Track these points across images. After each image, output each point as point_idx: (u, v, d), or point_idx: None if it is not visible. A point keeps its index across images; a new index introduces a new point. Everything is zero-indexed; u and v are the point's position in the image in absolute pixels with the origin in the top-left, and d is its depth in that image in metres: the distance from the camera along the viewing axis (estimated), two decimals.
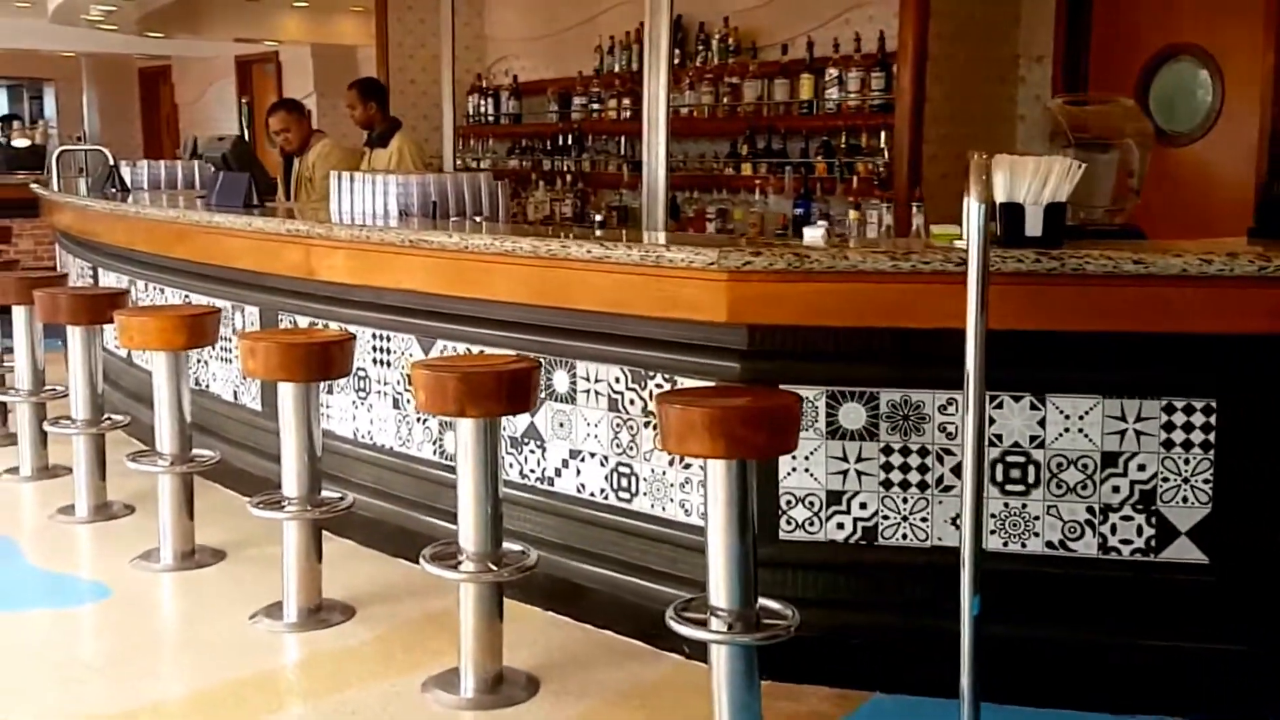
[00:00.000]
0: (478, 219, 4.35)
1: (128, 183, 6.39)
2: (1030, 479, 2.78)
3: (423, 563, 2.95)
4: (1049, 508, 2.78)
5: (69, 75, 14.96)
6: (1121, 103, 3.08)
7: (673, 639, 2.80)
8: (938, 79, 4.73)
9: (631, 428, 3.18)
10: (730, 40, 6.01)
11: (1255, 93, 4.63)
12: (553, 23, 7.69)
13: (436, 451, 3.81)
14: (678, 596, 3.03)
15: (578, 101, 7.14)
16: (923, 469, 2.82)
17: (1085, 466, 2.75)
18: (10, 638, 3.30)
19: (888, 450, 2.83)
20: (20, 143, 11.75)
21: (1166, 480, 2.71)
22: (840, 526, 2.89)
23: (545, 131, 7.51)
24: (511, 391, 2.81)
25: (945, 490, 2.81)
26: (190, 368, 4.27)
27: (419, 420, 3.87)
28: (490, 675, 2.88)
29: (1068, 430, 2.74)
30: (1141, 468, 2.73)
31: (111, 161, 7.80)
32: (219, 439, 4.65)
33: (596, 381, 3.25)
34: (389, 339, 3.95)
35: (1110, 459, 2.74)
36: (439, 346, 3.76)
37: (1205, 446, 2.68)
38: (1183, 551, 2.72)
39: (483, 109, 8.16)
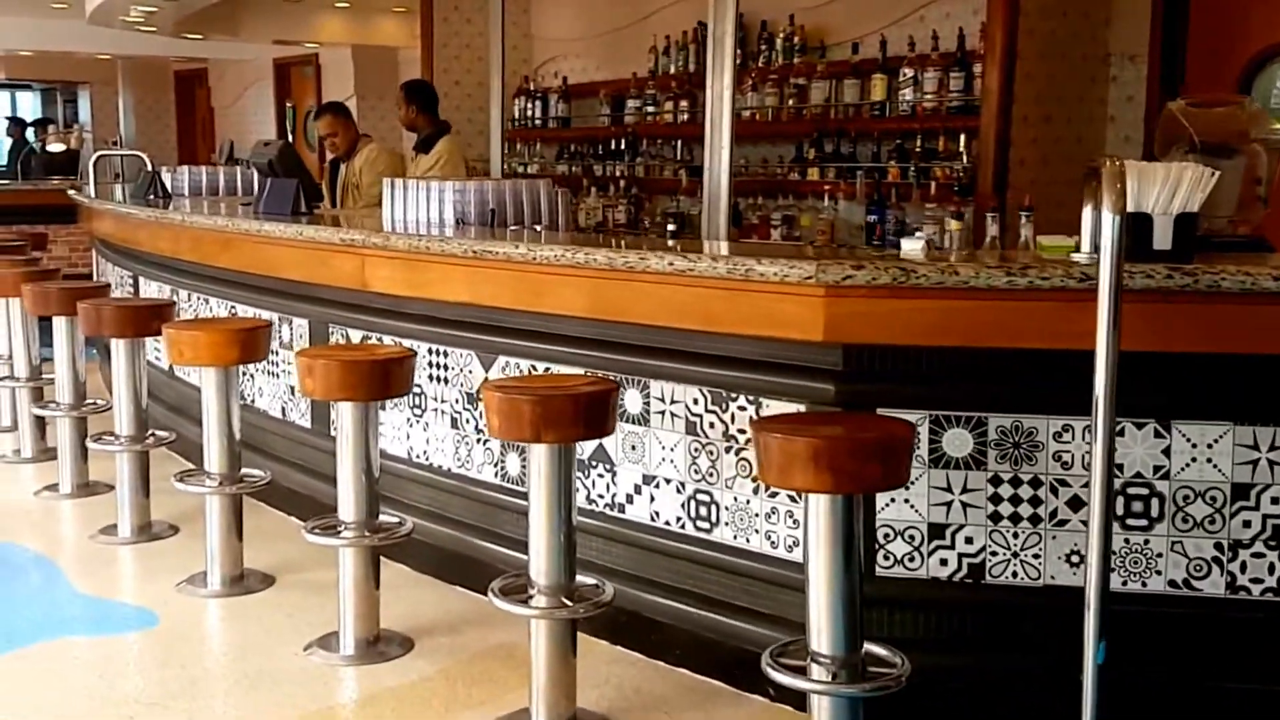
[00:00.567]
0: (537, 228, 4.27)
1: (168, 189, 6.39)
2: (1153, 512, 2.63)
3: (491, 597, 2.85)
4: (1173, 543, 2.63)
5: (103, 78, 15.12)
6: (1246, 105, 2.94)
7: (756, 679, 2.68)
8: (1026, 79, 4.58)
9: (711, 452, 3.06)
10: (796, 39, 5.88)
11: None
12: (604, 22, 7.61)
13: (498, 474, 3.71)
14: (761, 634, 2.92)
15: (631, 104, 7.05)
16: (1035, 501, 2.68)
17: (1213, 499, 2.61)
18: (52, 668, 3.23)
19: (996, 480, 2.70)
20: (55, 147, 11.86)
21: None
22: (943, 563, 2.76)
23: (596, 135, 7.42)
24: (590, 415, 2.70)
25: (1059, 525, 2.67)
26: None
27: (479, 441, 3.78)
28: (565, 717, 2.77)
29: (1195, 460, 2.60)
30: (1275, 501, 2.58)
31: (151, 167, 7.86)
32: (265, 456, 4.59)
33: (673, 402, 3.14)
34: (446, 354, 3.86)
35: (1241, 491, 2.59)
36: (500, 363, 3.67)
37: None
38: None
39: (530, 112, 8.10)
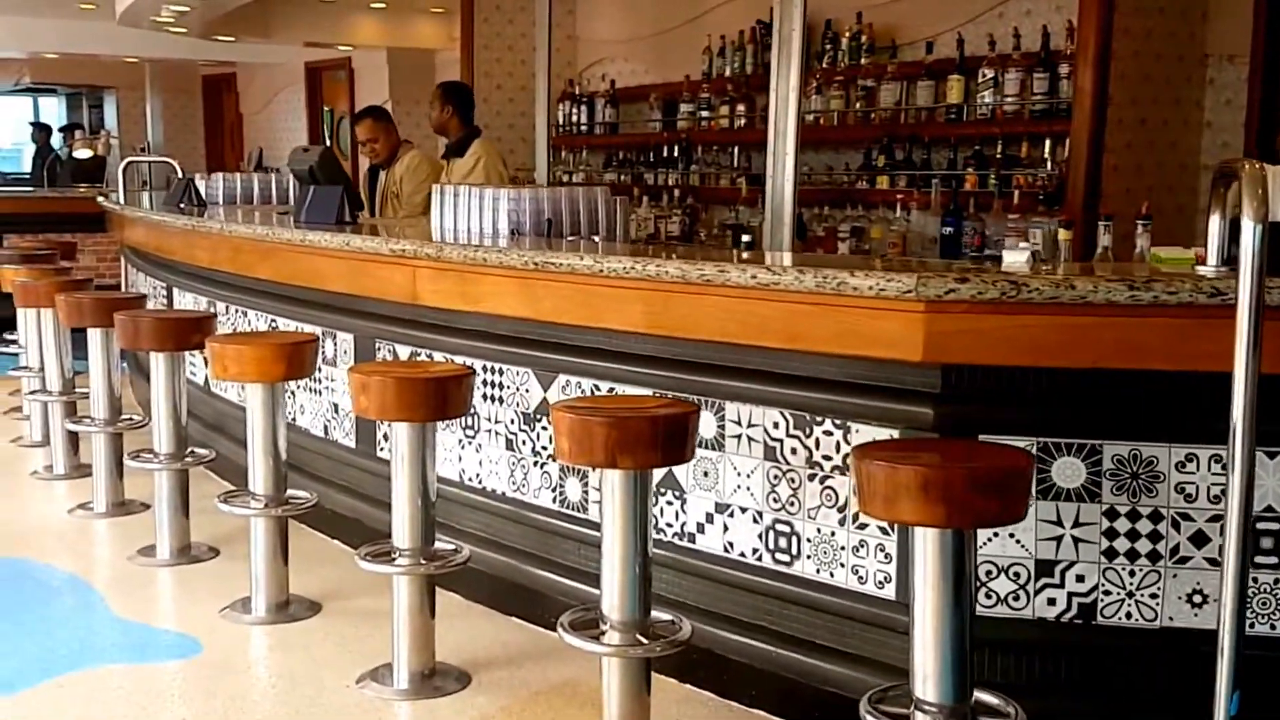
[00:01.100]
0: (596, 239, 4.19)
1: (202, 196, 6.37)
2: None
3: (561, 632, 2.75)
4: None
5: (129, 83, 15.22)
6: None
7: None
8: (1120, 80, 4.45)
9: (793, 480, 2.95)
10: (864, 38, 5.77)
11: None
12: (654, 22, 7.54)
13: (556, 500, 3.62)
14: (846, 676, 2.81)
15: (684, 108, 6.96)
16: (1154, 536, 2.55)
17: None
18: (92, 698, 3.16)
19: (1111, 514, 2.57)
20: (82, 153, 11.92)
21: None
22: (1051, 602, 2.63)
23: (647, 141, 7.34)
24: (668, 439, 2.61)
25: (1180, 562, 2.54)
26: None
27: (536, 464, 3.69)
28: None
29: None
30: None
31: (181, 174, 7.87)
32: (307, 476, 4.52)
33: (750, 426, 3.04)
34: (501, 372, 3.78)
35: None
36: (560, 382, 3.58)
37: None
38: None
39: (575, 117, 8.04)
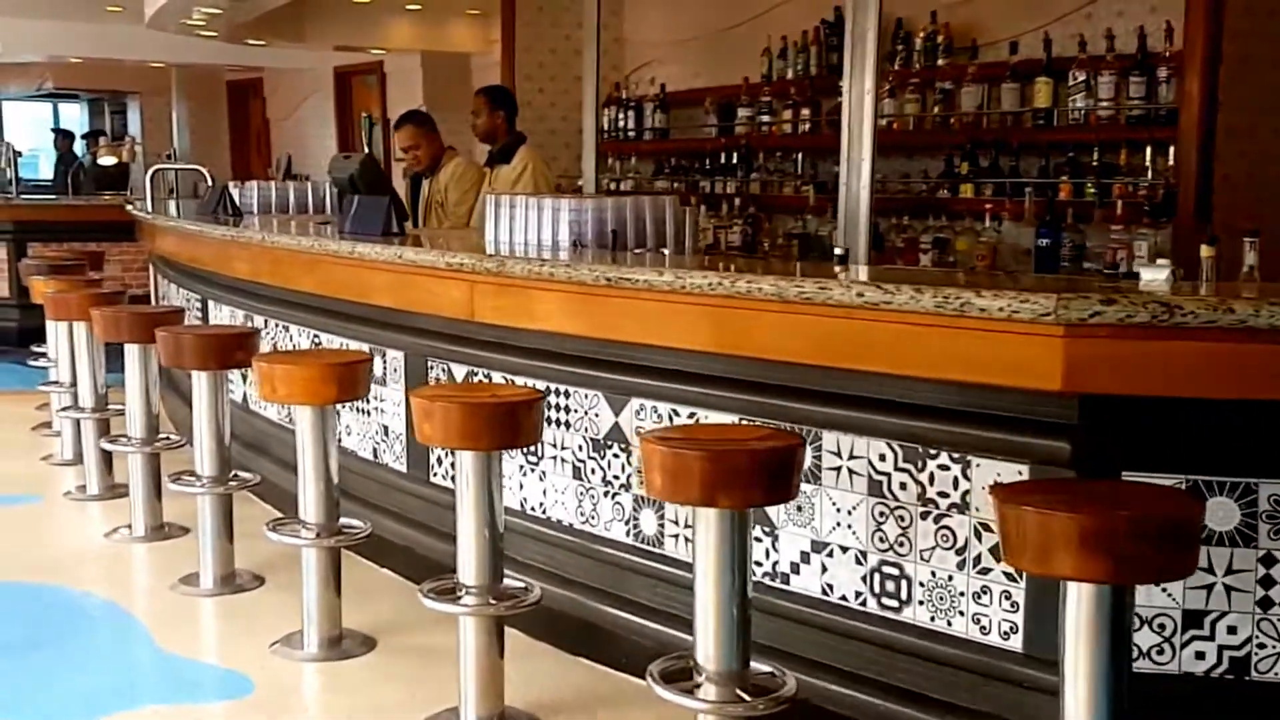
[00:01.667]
0: (665, 251, 4.03)
1: (238, 205, 6.28)
2: None
3: (652, 683, 2.58)
4: None
5: (153, 88, 15.25)
6: None
7: None
8: (1231, 85, 4.25)
9: (902, 518, 2.78)
10: (939, 38, 5.59)
11: None
12: (707, 23, 7.39)
13: (630, 533, 3.46)
14: None
15: (742, 113, 6.79)
16: None
17: None
18: None
19: (1269, 560, 2.38)
20: (107, 160, 11.90)
21: None
22: (1200, 656, 2.44)
23: (701, 147, 7.18)
24: (772, 475, 2.44)
25: None
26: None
27: (606, 494, 3.53)
28: None
29: None
30: None
31: (211, 181, 7.80)
32: (354, 502, 4.36)
33: (852, 458, 2.86)
34: (568, 395, 3.63)
35: None
36: (633, 406, 3.42)
37: None
38: None
39: (621, 122, 7.89)
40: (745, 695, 2.50)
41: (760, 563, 3.08)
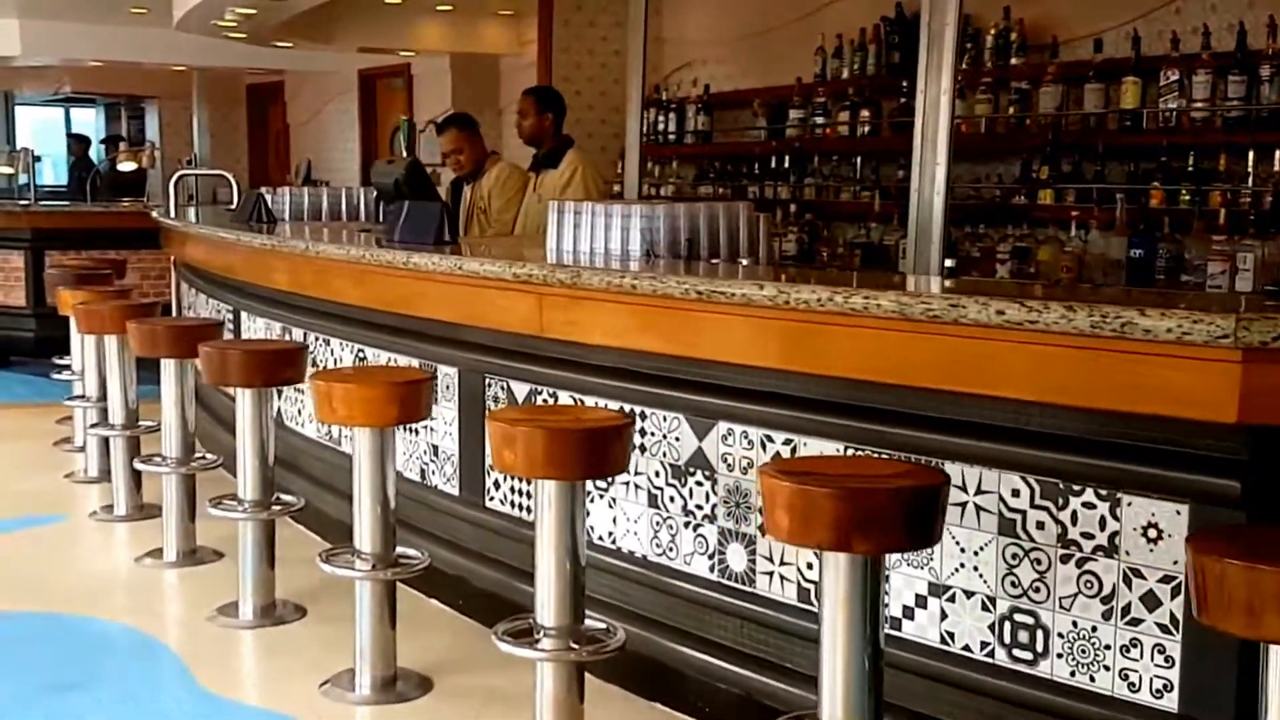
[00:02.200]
0: (744, 261, 3.81)
1: (272, 212, 6.08)
2: None
3: None
4: None
5: (172, 92, 15.07)
6: None
7: None
8: None
9: (1039, 561, 2.54)
10: (1013, 36, 5.34)
11: None
12: (754, 22, 7.16)
13: (714, 568, 3.23)
14: None
15: (794, 115, 6.55)
16: None
17: None
18: None
19: None
20: (126, 166, 11.70)
21: None
22: None
23: (749, 151, 6.94)
24: (915, 517, 2.20)
25: None
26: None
27: (687, 525, 3.30)
28: None
29: None
30: None
31: (237, 187, 7.62)
32: (402, 527, 4.15)
33: (979, 493, 2.63)
34: (645, 416, 3.40)
35: None
36: (719, 430, 3.19)
37: None
38: None
39: (662, 125, 7.68)
40: None
41: None
